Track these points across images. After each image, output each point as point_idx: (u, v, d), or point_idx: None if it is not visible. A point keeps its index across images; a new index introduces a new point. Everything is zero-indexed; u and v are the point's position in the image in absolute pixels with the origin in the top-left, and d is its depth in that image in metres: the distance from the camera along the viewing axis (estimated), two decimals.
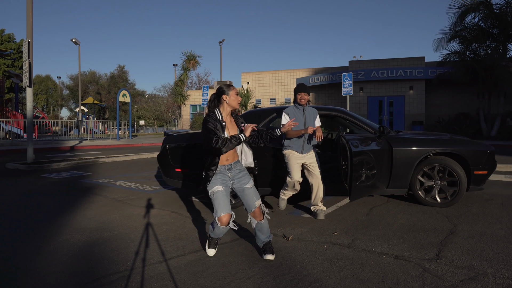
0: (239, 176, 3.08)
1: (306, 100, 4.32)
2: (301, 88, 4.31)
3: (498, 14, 17.33)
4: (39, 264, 3.04)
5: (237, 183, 3.08)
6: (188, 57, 24.77)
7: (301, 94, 4.28)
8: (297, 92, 4.32)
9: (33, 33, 9.85)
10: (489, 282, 2.62)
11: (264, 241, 3.13)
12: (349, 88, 14.95)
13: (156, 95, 54.32)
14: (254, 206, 3.05)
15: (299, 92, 4.30)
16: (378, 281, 2.66)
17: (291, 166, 4.25)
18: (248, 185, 3.07)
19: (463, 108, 21.31)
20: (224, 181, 3.04)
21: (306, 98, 4.31)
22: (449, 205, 4.74)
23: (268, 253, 3.08)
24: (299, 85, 4.33)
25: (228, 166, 3.05)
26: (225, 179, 3.05)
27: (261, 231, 3.10)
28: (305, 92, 4.30)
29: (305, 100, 4.30)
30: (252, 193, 3.07)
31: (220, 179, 3.03)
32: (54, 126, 33.89)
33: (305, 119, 4.29)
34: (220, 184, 3.01)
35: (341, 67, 23.78)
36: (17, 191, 6.25)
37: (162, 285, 2.64)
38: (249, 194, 3.06)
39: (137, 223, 4.23)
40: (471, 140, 5.04)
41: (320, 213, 4.33)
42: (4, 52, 30.30)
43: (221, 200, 2.99)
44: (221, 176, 3.04)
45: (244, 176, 3.10)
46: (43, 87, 62.93)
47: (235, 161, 3.10)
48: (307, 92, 4.31)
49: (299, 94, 4.29)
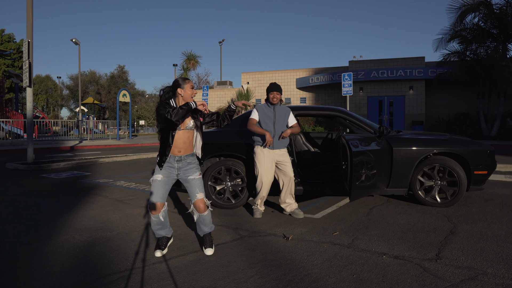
0: (187, 167, 3.15)
1: (278, 99, 4.39)
2: (273, 88, 4.38)
3: (498, 14, 17.33)
4: (39, 264, 3.04)
5: (182, 174, 3.15)
6: (188, 57, 24.78)
7: (273, 93, 4.36)
8: (270, 91, 4.39)
9: (33, 33, 9.85)
10: (489, 282, 2.62)
11: (205, 231, 3.26)
12: (349, 88, 14.95)
13: (156, 95, 54.32)
14: (196, 197, 3.14)
15: (271, 91, 4.37)
16: (378, 281, 2.66)
17: (261, 164, 4.30)
18: (191, 176, 3.14)
19: (463, 108, 21.31)
20: (168, 172, 3.13)
21: (278, 98, 4.38)
22: (449, 205, 4.74)
23: (208, 246, 3.23)
24: (271, 84, 4.40)
25: (178, 157, 3.12)
26: (170, 170, 3.13)
27: (203, 223, 3.22)
28: (277, 91, 4.37)
29: (277, 99, 4.37)
30: (196, 184, 3.14)
31: (164, 170, 3.12)
32: (54, 126, 33.89)
33: (275, 117, 4.36)
34: (162, 174, 3.11)
35: (341, 67, 23.77)
36: (17, 191, 6.25)
37: (162, 285, 2.65)
38: (193, 185, 3.14)
39: (137, 223, 4.23)
40: (471, 140, 5.04)
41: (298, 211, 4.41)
42: (4, 52, 30.29)
43: (155, 188, 3.09)
44: (168, 166, 3.12)
45: (191, 168, 3.16)
46: (43, 87, 62.93)
47: (187, 154, 3.15)
48: (279, 91, 4.39)
49: (271, 93, 4.36)
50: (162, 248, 3.22)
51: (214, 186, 4.88)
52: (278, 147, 4.35)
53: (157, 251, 3.20)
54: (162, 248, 3.22)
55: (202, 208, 3.16)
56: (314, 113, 5.40)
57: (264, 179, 4.31)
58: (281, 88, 4.43)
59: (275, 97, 4.36)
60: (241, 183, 4.87)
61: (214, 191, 4.88)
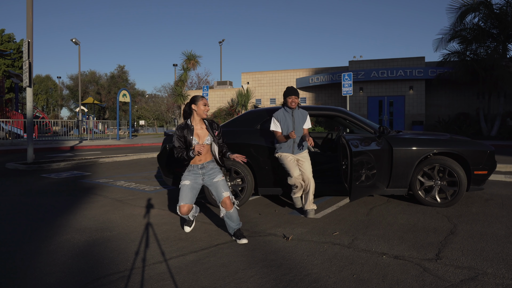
0: (210, 172, 3.56)
1: (297, 103, 4.33)
2: (291, 92, 4.29)
3: (498, 14, 17.32)
4: (39, 264, 3.04)
5: (207, 178, 3.56)
6: (188, 57, 24.75)
7: (292, 98, 4.27)
8: (288, 95, 4.30)
9: (33, 33, 9.85)
10: (489, 282, 2.62)
11: (234, 228, 3.54)
12: (349, 88, 14.95)
13: (156, 95, 54.27)
14: (222, 196, 3.47)
15: (289, 95, 4.28)
16: (378, 281, 2.66)
17: (287, 164, 4.28)
18: (216, 179, 3.53)
19: (463, 108, 21.30)
20: (194, 177, 3.55)
21: (297, 102, 4.32)
22: (449, 205, 4.74)
23: (241, 238, 3.50)
24: (289, 88, 4.32)
25: (200, 165, 3.55)
26: (196, 176, 3.56)
27: (231, 219, 3.51)
28: (296, 95, 4.29)
29: (295, 104, 4.30)
30: (220, 185, 3.51)
31: (191, 176, 3.55)
32: (54, 126, 33.91)
33: (294, 122, 4.29)
34: (189, 180, 3.53)
35: (341, 67, 23.76)
36: (17, 191, 6.25)
37: (162, 285, 2.65)
38: (218, 186, 3.51)
39: (137, 223, 4.23)
40: (471, 140, 5.04)
41: (311, 211, 4.37)
42: (4, 52, 30.28)
43: (184, 192, 3.49)
44: (193, 173, 3.56)
45: (214, 172, 3.56)
46: (43, 87, 62.94)
47: (207, 161, 3.57)
48: (297, 95, 4.31)
49: (289, 98, 4.28)
50: (190, 225, 3.79)
51: None
52: (299, 152, 4.32)
53: (186, 227, 3.78)
54: (190, 225, 3.79)
55: (229, 204, 3.46)
56: (314, 113, 5.40)
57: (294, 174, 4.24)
58: (298, 92, 4.35)
59: (293, 101, 4.28)
60: (241, 183, 4.87)
61: None
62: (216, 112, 24.71)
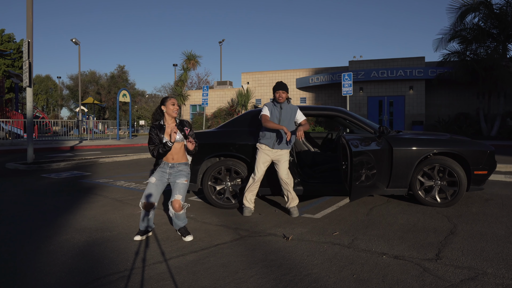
0: (177, 174, 3.61)
1: (284, 98, 4.44)
2: (278, 87, 4.44)
3: (498, 14, 17.33)
4: (39, 264, 3.04)
5: (172, 178, 3.62)
6: (188, 57, 24.76)
7: (279, 92, 4.41)
8: (275, 90, 4.44)
9: (33, 33, 9.85)
10: (489, 282, 2.62)
11: (180, 226, 3.67)
12: (349, 88, 14.95)
13: (156, 95, 54.34)
14: (174, 197, 3.54)
15: (277, 90, 4.43)
16: (378, 281, 2.66)
17: (257, 161, 4.45)
18: (179, 180, 3.58)
19: (463, 108, 21.30)
20: (161, 176, 3.63)
21: (284, 96, 4.43)
22: (449, 205, 4.74)
23: (186, 235, 3.65)
24: (277, 84, 4.45)
25: (171, 164, 3.61)
26: (163, 174, 3.63)
27: (178, 218, 3.61)
28: (283, 90, 4.41)
29: (283, 98, 4.42)
30: (179, 187, 3.56)
31: (158, 173, 3.64)
32: (54, 126, 33.90)
33: (280, 115, 4.42)
34: (156, 177, 3.63)
35: (341, 67, 23.76)
36: (17, 191, 6.25)
37: (162, 285, 2.65)
38: (176, 187, 3.57)
39: (137, 223, 4.23)
40: (471, 140, 5.04)
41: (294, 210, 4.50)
42: (4, 52, 30.27)
43: (148, 189, 3.60)
44: (161, 171, 3.64)
45: (181, 174, 3.61)
46: (43, 87, 62.92)
47: (179, 162, 3.63)
48: (285, 90, 4.43)
49: (277, 92, 4.42)
50: (141, 234, 3.69)
51: (214, 186, 4.89)
52: (280, 147, 4.42)
53: (137, 235, 3.67)
54: (141, 234, 3.69)
55: (177, 207, 3.53)
56: (314, 113, 5.40)
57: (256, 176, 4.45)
58: (287, 86, 4.47)
59: (280, 96, 4.41)
60: (241, 183, 4.87)
61: (214, 191, 4.89)
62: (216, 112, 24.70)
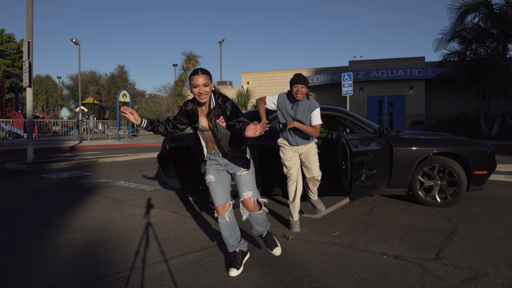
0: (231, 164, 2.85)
1: (303, 93, 3.57)
2: (297, 79, 3.54)
3: (498, 14, 17.32)
4: (39, 264, 3.04)
5: (231, 169, 2.86)
6: (188, 57, 24.75)
7: (297, 86, 3.54)
8: (293, 83, 3.56)
9: (33, 33, 9.85)
10: (489, 282, 2.62)
11: (260, 232, 2.96)
12: (349, 88, 14.94)
13: (156, 95, 54.24)
14: (241, 196, 2.85)
15: (295, 83, 3.55)
16: (378, 281, 2.66)
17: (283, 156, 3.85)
18: (239, 173, 2.83)
19: (463, 108, 21.31)
20: (216, 169, 2.86)
21: (304, 91, 3.56)
22: (449, 205, 4.74)
23: (273, 247, 3.00)
24: (296, 76, 3.58)
25: (215, 152, 2.84)
26: (217, 166, 2.86)
27: (256, 222, 2.91)
28: (302, 84, 3.53)
29: (302, 94, 3.55)
30: (242, 182, 2.82)
31: (211, 167, 2.87)
32: (54, 126, 33.89)
33: (295, 113, 3.64)
34: (212, 174, 2.85)
35: (341, 67, 23.76)
36: (17, 191, 6.25)
37: (162, 285, 2.64)
38: (239, 182, 2.84)
39: (137, 223, 4.23)
40: (471, 140, 5.04)
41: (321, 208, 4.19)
42: (4, 52, 30.27)
43: (213, 191, 2.84)
44: (213, 162, 2.87)
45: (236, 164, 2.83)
46: (43, 87, 62.89)
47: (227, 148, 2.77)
48: (304, 84, 3.55)
49: (295, 86, 3.55)
50: (237, 267, 2.81)
51: None
52: (302, 143, 3.78)
53: (232, 269, 2.78)
54: (237, 267, 2.81)
55: (252, 206, 2.84)
56: None
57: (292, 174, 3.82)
58: (307, 80, 3.59)
59: (299, 90, 3.53)
60: None
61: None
62: None
